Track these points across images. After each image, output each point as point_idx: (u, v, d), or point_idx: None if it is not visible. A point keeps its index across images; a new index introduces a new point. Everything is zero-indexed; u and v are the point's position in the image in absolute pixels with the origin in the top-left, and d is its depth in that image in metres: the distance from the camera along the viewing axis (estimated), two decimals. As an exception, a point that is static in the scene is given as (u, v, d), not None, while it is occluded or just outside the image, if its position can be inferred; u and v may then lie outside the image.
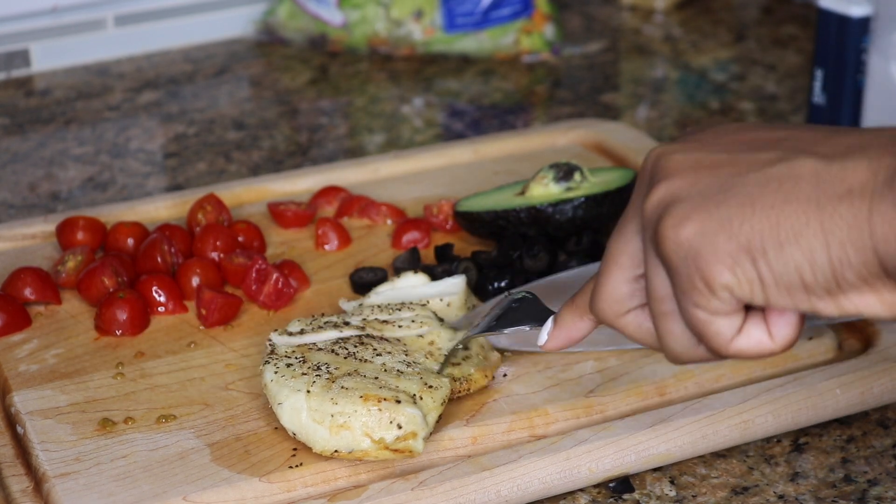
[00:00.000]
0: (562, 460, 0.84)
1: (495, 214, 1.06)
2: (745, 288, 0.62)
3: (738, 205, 0.62)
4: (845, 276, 0.60)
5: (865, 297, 0.61)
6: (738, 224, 0.61)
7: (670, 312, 0.66)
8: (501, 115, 1.42)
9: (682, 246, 0.63)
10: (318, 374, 0.85)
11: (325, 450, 0.83)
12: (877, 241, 0.59)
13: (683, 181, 0.64)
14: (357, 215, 1.14)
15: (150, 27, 1.54)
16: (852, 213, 0.59)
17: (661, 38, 1.62)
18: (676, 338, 0.67)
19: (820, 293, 0.61)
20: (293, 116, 1.42)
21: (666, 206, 0.64)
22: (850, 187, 0.60)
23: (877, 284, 0.60)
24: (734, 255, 0.62)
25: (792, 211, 0.60)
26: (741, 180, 0.63)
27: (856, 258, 0.60)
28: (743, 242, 0.61)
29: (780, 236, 0.61)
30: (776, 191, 0.61)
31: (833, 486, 0.86)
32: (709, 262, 0.62)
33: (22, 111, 1.42)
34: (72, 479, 0.82)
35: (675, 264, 0.64)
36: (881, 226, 0.59)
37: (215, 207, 1.11)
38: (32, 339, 0.98)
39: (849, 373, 0.91)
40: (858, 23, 1.26)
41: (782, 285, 0.61)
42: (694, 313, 0.64)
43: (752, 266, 0.61)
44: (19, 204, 1.23)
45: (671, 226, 0.63)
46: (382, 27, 1.53)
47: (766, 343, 0.65)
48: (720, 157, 0.65)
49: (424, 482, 0.81)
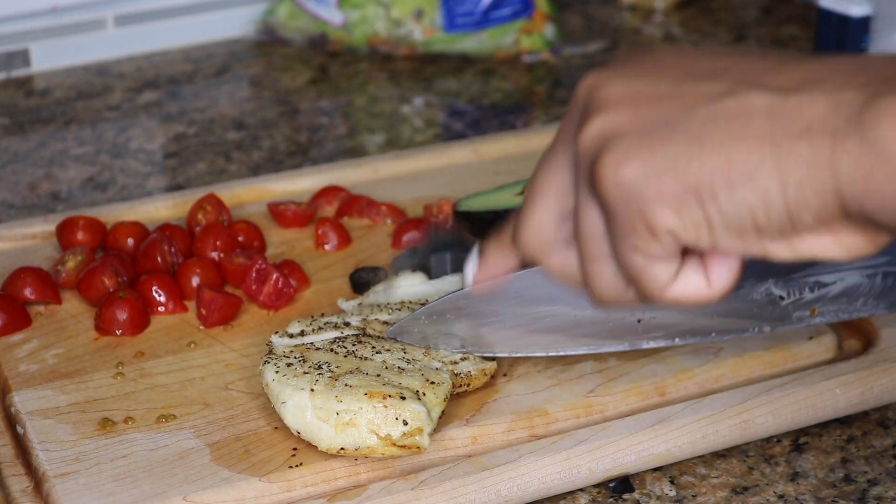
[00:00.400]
0: (562, 460, 0.84)
1: (495, 214, 1.06)
2: (690, 232, 0.58)
3: (685, 142, 0.57)
4: (802, 218, 0.56)
5: (822, 239, 0.57)
6: (685, 163, 0.57)
7: (601, 254, 0.62)
8: (501, 115, 1.42)
9: (622, 186, 0.58)
10: (319, 373, 0.85)
11: (331, 448, 0.83)
12: (840, 180, 0.55)
13: (623, 114, 0.60)
14: (357, 215, 1.14)
15: (150, 27, 1.54)
16: (812, 151, 0.55)
17: (661, 38, 1.61)
18: (606, 281, 0.63)
19: (773, 235, 0.57)
20: (293, 116, 1.42)
21: (603, 141, 0.59)
22: (808, 123, 0.56)
23: (835, 226, 0.57)
24: (681, 197, 0.57)
25: (745, 148, 0.56)
26: (687, 116, 0.58)
27: (814, 199, 0.56)
28: (691, 183, 0.57)
29: (732, 176, 0.56)
30: (726, 127, 0.57)
31: (833, 486, 0.86)
32: (652, 205, 0.58)
33: (22, 111, 1.42)
34: (72, 479, 0.82)
35: (613, 206, 0.59)
36: (846, 165, 0.54)
37: (215, 207, 1.11)
38: (32, 339, 0.98)
39: (849, 372, 0.91)
40: (858, 23, 1.26)
41: (733, 228, 0.57)
42: (631, 258, 0.60)
43: (700, 208, 0.57)
44: (19, 204, 1.23)
45: (610, 164, 0.59)
46: (382, 27, 1.53)
47: (703, 289, 0.61)
48: (662, 88, 0.60)
49: (424, 482, 0.81)
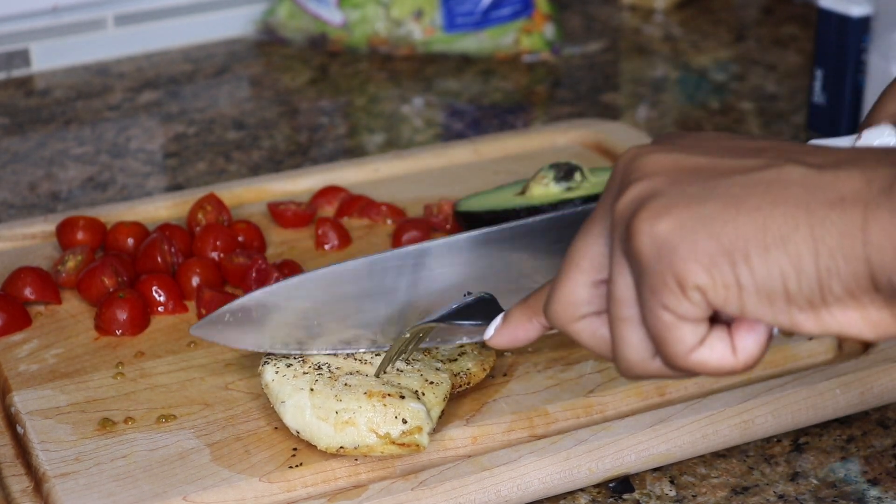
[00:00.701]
0: (562, 460, 0.84)
1: (495, 214, 1.06)
2: (720, 292, 0.58)
3: (722, 204, 0.58)
4: (832, 288, 0.57)
5: (849, 314, 0.58)
6: (720, 224, 0.58)
7: (630, 318, 0.62)
8: (501, 115, 1.42)
9: (656, 240, 0.59)
10: (319, 373, 0.86)
11: (330, 447, 0.83)
12: (870, 251, 0.56)
13: (662, 179, 0.60)
14: (357, 215, 1.14)
15: (150, 27, 1.54)
16: (845, 221, 0.56)
17: (661, 38, 1.62)
18: (633, 346, 0.63)
19: (802, 304, 0.58)
20: (293, 116, 1.42)
21: (641, 201, 0.60)
22: (842, 195, 0.56)
23: (863, 299, 0.57)
24: (713, 256, 0.58)
25: (780, 214, 0.57)
26: (725, 181, 0.59)
27: (845, 268, 0.56)
28: (725, 243, 0.57)
29: (767, 240, 0.57)
30: (764, 193, 0.58)
31: (833, 486, 0.86)
32: (684, 260, 0.58)
33: (22, 111, 1.42)
34: (72, 479, 0.82)
35: (646, 260, 0.59)
36: (876, 235, 0.55)
37: (215, 207, 1.11)
38: (32, 339, 0.98)
39: (849, 373, 0.91)
40: (858, 23, 1.26)
41: (763, 293, 0.58)
42: (659, 315, 0.60)
43: (732, 269, 0.58)
44: (19, 204, 1.23)
45: (646, 218, 0.59)
46: (382, 27, 1.53)
47: (728, 358, 0.61)
48: (702, 160, 0.61)
49: (424, 482, 0.81)
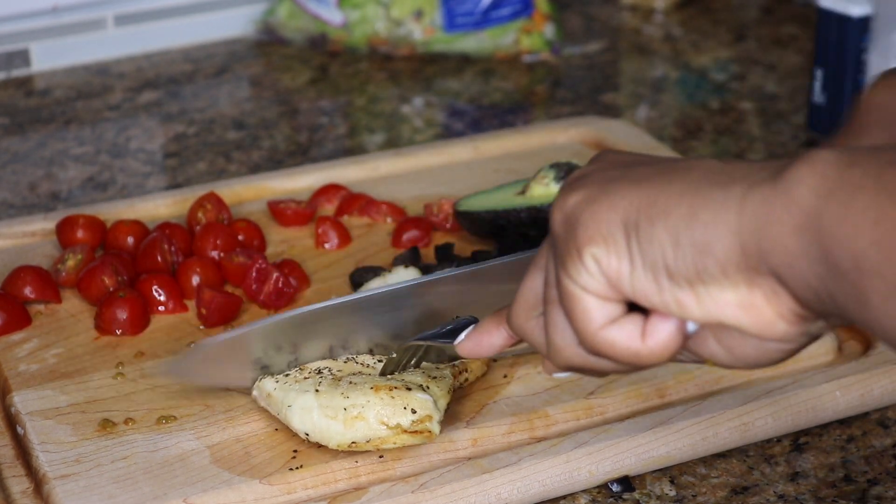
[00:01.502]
0: (562, 462, 0.84)
1: (495, 214, 1.06)
2: (612, 262, 0.60)
3: (628, 182, 0.61)
4: (705, 263, 0.58)
5: (724, 294, 0.58)
6: (619, 197, 0.61)
7: (556, 299, 0.64)
8: (501, 115, 1.42)
9: (564, 212, 0.62)
10: (321, 377, 0.86)
11: (342, 444, 0.83)
12: (743, 225, 0.57)
13: (595, 165, 0.65)
14: (357, 214, 1.14)
15: (150, 27, 1.54)
16: (724, 197, 0.57)
17: (661, 38, 1.62)
18: (558, 328, 0.65)
19: (681, 282, 0.59)
20: (293, 116, 1.42)
21: (569, 184, 0.64)
22: (733, 177, 0.58)
23: (735, 278, 0.58)
24: (610, 227, 0.60)
25: (671, 191, 0.59)
26: (642, 168, 0.62)
27: (717, 243, 0.57)
28: (620, 215, 0.60)
29: (652, 212, 0.59)
30: (665, 174, 0.60)
31: (833, 486, 0.86)
32: (584, 229, 0.61)
33: (22, 111, 1.42)
34: (72, 481, 0.82)
35: (556, 232, 0.63)
36: (752, 205, 0.56)
37: (215, 206, 1.11)
38: (32, 339, 0.98)
39: (849, 375, 0.91)
40: (858, 23, 1.26)
41: (647, 265, 0.59)
42: (564, 285, 0.62)
43: (625, 241, 0.60)
44: (19, 204, 1.23)
45: (562, 196, 0.63)
46: (382, 27, 1.53)
47: (635, 340, 0.62)
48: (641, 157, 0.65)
49: (425, 484, 0.81)
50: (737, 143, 1.34)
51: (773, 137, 1.35)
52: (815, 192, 0.55)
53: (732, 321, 0.59)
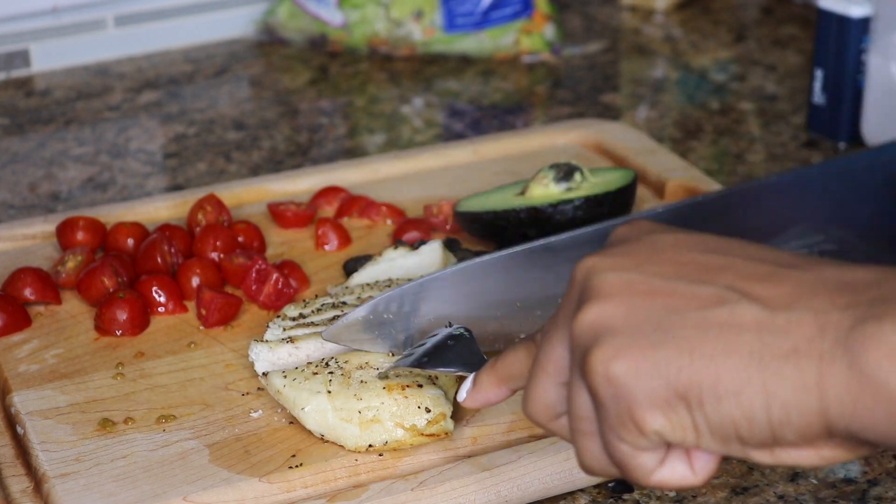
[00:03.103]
0: (562, 461, 0.84)
1: (495, 215, 1.06)
2: (678, 434, 0.59)
3: (677, 349, 0.59)
4: (784, 436, 0.58)
5: (803, 452, 0.59)
6: (675, 370, 0.59)
7: (590, 432, 0.63)
8: (501, 116, 1.42)
9: (612, 383, 0.60)
10: (330, 372, 0.86)
11: (359, 446, 0.84)
12: (826, 404, 0.56)
13: (616, 308, 0.61)
14: (357, 215, 1.14)
15: (150, 27, 1.54)
16: (798, 374, 0.56)
17: (661, 38, 1.62)
18: (593, 456, 0.64)
19: (756, 445, 0.59)
20: (293, 116, 1.42)
21: (596, 333, 0.61)
22: (795, 345, 0.57)
23: (817, 443, 0.58)
24: (669, 401, 0.59)
25: (733, 365, 0.58)
26: (679, 319, 0.60)
27: (799, 420, 0.57)
28: (679, 390, 0.58)
29: (719, 390, 0.58)
30: (716, 339, 0.58)
31: (833, 486, 0.86)
32: (641, 406, 0.59)
33: (22, 111, 1.42)
34: (72, 480, 0.82)
35: (603, 399, 0.61)
36: (833, 388, 0.56)
37: (215, 207, 1.11)
38: (32, 340, 0.98)
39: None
40: (858, 23, 1.26)
41: (717, 436, 0.59)
42: (617, 446, 0.61)
43: (688, 414, 0.59)
44: (19, 204, 1.23)
45: (602, 360, 0.60)
46: (382, 27, 1.53)
47: (688, 477, 0.62)
48: (655, 284, 0.61)
49: (424, 482, 0.81)
50: (737, 143, 1.34)
51: (772, 138, 1.35)
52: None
53: (806, 465, 0.60)
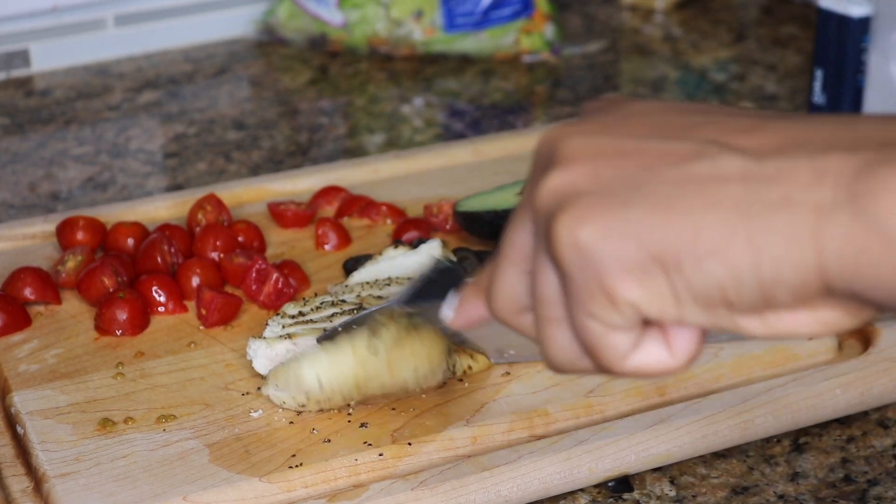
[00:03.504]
0: (562, 460, 0.84)
1: (495, 214, 1.06)
2: (655, 304, 0.53)
3: (650, 207, 0.52)
4: (777, 296, 0.51)
5: (799, 316, 0.52)
6: (648, 230, 0.52)
7: (556, 318, 0.56)
8: (501, 115, 1.42)
9: (579, 250, 0.53)
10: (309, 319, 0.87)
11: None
12: (824, 258, 0.49)
13: (582, 170, 0.54)
14: (357, 215, 1.14)
15: (150, 27, 1.54)
16: (791, 226, 0.50)
17: (661, 38, 1.62)
18: (561, 347, 0.57)
19: (744, 311, 0.52)
20: (293, 116, 1.42)
21: (560, 199, 0.54)
22: (787, 193, 0.50)
23: (815, 303, 0.52)
24: (644, 266, 0.52)
25: (714, 219, 0.51)
26: (653, 176, 0.53)
27: (793, 277, 0.50)
28: (655, 252, 0.51)
29: (700, 248, 0.51)
30: (696, 192, 0.51)
31: (833, 486, 0.86)
32: (613, 273, 0.52)
33: (22, 111, 1.42)
34: (72, 480, 0.82)
35: (568, 270, 0.53)
36: (833, 242, 0.49)
37: (215, 207, 1.11)
38: (32, 339, 0.98)
39: (849, 373, 0.91)
40: (858, 23, 1.26)
41: (700, 302, 0.52)
42: (587, 325, 0.54)
43: (666, 280, 0.52)
44: (19, 204, 1.23)
45: (566, 224, 0.53)
46: (382, 27, 1.53)
47: (666, 360, 0.55)
48: (626, 144, 0.54)
49: (425, 482, 0.81)
50: (737, 143, 1.34)
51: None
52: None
53: (802, 332, 0.53)
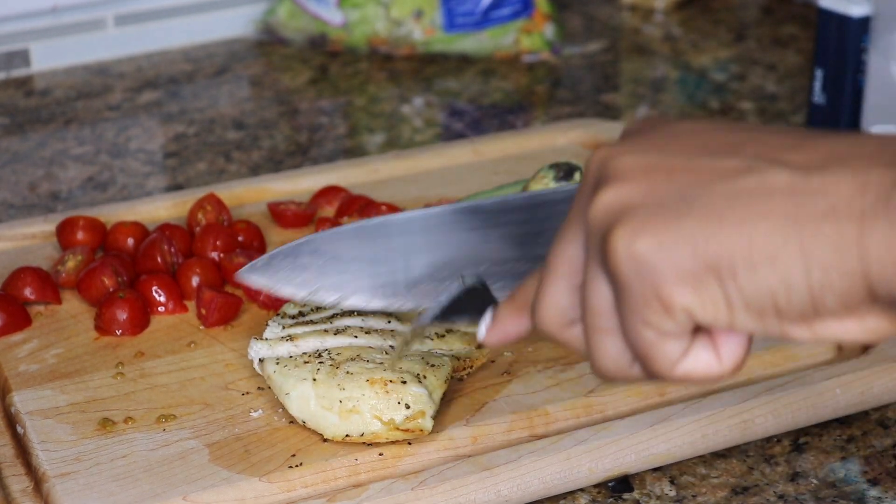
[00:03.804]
0: (562, 460, 0.84)
1: (495, 214, 1.06)
2: (708, 310, 0.55)
3: (703, 218, 0.55)
4: (825, 303, 0.54)
5: (845, 323, 0.55)
6: (703, 240, 0.54)
7: (608, 329, 0.59)
8: (501, 115, 1.42)
9: (636, 259, 0.56)
10: (320, 361, 0.86)
11: (336, 435, 0.84)
12: (868, 264, 0.52)
13: (636, 186, 0.57)
14: (357, 215, 1.14)
15: (150, 27, 1.54)
16: (838, 234, 0.53)
17: (661, 38, 1.62)
18: (611, 356, 0.60)
19: (794, 318, 0.55)
20: (293, 116, 1.42)
21: (616, 214, 0.57)
22: (833, 204, 0.53)
23: (860, 310, 0.54)
24: (699, 275, 0.55)
25: (767, 229, 0.54)
26: (704, 190, 0.56)
27: (840, 284, 0.53)
28: (710, 261, 0.54)
29: (753, 256, 0.54)
30: (747, 205, 0.54)
31: (833, 486, 0.86)
32: (668, 281, 0.55)
33: (22, 111, 1.42)
34: (72, 479, 0.82)
35: (626, 280, 0.56)
36: (875, 248, 0.52)
37: (215, 207, 1.11)
38: (32, 339, 0.98)
39: (849, 372, 0.91)
40: (858, 23, 1.26)
41: (753, 309, 0.55)
42: (642, 333, 0.57)
43: (720, 287, 0.55)
44: (19, 204, 1.23)
45: (624, 236, 0.56)
46: (382, 27, 1.53)
47: (714, 366, 0.58)
48: (676, 161, 0.57)
49: (424, 482, 0.81)
50: (737, 143, 1.34)
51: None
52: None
53: (847, 339, 0.56)
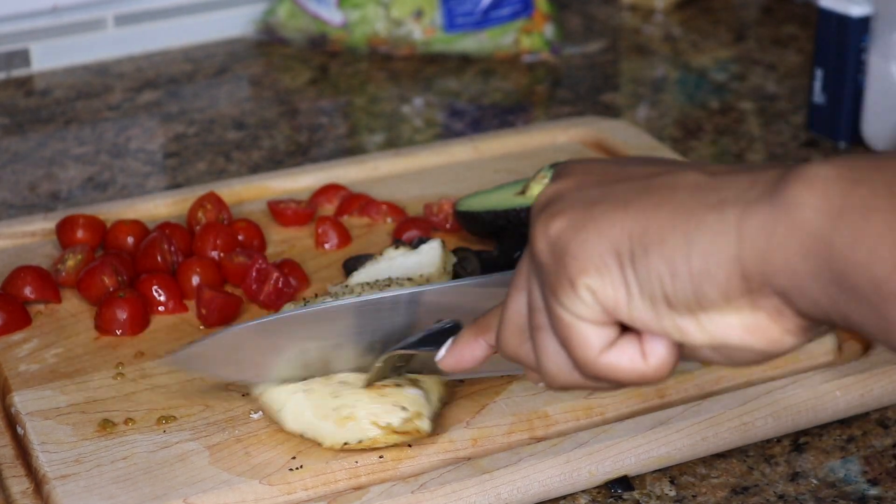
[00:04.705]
0: (562, 463, 0.84)
1: (495, 214, 1.06)
2: (608, 292, 0.59)
3: (613, 206, 0.59)
4: (705, 290, 0.56)
5: (727, 318, 0.57)
6: (608, 224, 0.59)
7: (545, 325, 0.63)
8: (501, 115, 1.42)
9: (550, 240, 0.60)
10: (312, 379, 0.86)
11: (335, 443, 0.83)
12: (743, 249, 0.55)
13: (569, 182, 0.62)
14: (357, 214, 1.14)
15: (150, 27, 1.54)
16: (720, 221, 0.56)
17: (661, 38, 1.61)
18: (550, 355, 0.63)
19: (681, 310, 0.58)
20: (293, 116, 1.42)
21: (544, 205, 0.62)
22: (724, 197, 0.56)
23: (738, 302, 0.56)
24: (602, 256, 0.59)
25: (662, 216, 0.57)
26: (623, 185, 0.60)
27: (717, 270, 0.56)
28: (612, 244, 0.58)
29: (646, 241, 0.57)
30: (653, 196, 0.58)
31: (833, 486, 0.86)
32: (575, 259, 0.59)
33: (22, 111, 1.42)
34: (72, 482, 0.82)
35: (542, 260, 0.61)
36: (752, 231, 0.55)
37: (215, 206, 1.11)
38: (32, 339, 0.98)
39: (849, 375, 0.91)
40: (858, 23, 1.26)
41: (645, 294, 0.58)
42: (558, 314, 0.60)
43: (619, 269, 0.58)
44: (19, 204, 1.23)
45: (543, 220, 0.61)
46: (382, 27, 1.53)
47: (638, 363, 0.60)
48: (611, 169, 0.63)
49: (425, 485, 0.81)
50: (737, 143, 1.34)
51: (773, 137, 1.35)
52: (821, 214, 0.53)
53: (737, 343, 0.58)
